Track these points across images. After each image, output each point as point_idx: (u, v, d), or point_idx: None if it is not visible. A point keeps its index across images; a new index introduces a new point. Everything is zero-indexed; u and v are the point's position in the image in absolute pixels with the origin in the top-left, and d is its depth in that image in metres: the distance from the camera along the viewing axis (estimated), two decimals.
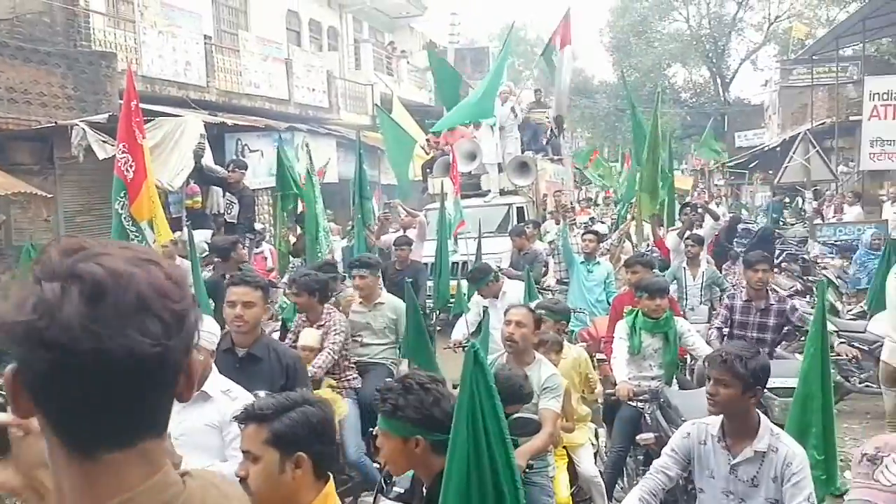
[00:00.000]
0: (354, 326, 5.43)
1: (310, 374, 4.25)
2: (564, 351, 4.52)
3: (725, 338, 5.49)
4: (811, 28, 33.97)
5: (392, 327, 5.57)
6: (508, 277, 7.24)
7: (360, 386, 5.04)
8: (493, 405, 2.34)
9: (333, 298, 6.58)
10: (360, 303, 5.62)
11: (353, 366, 5.12)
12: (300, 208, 8.63)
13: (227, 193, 9.71)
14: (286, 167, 8.15)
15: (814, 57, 24.79)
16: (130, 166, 6.20)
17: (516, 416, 3.27)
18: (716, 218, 8.82)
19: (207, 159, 11.39)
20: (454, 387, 5.45)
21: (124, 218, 6.13)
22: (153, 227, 6.24)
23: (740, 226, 13.39)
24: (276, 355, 3.69)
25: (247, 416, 2.39)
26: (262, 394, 3.33)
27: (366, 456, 4.68)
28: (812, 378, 3.32)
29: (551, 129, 16.08)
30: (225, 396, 3.07)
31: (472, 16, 69.79)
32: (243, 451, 2.32)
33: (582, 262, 7.71)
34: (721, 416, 2.97)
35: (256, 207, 15.90)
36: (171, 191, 10.79)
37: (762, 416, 3.00)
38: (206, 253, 9.44)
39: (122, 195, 6.13)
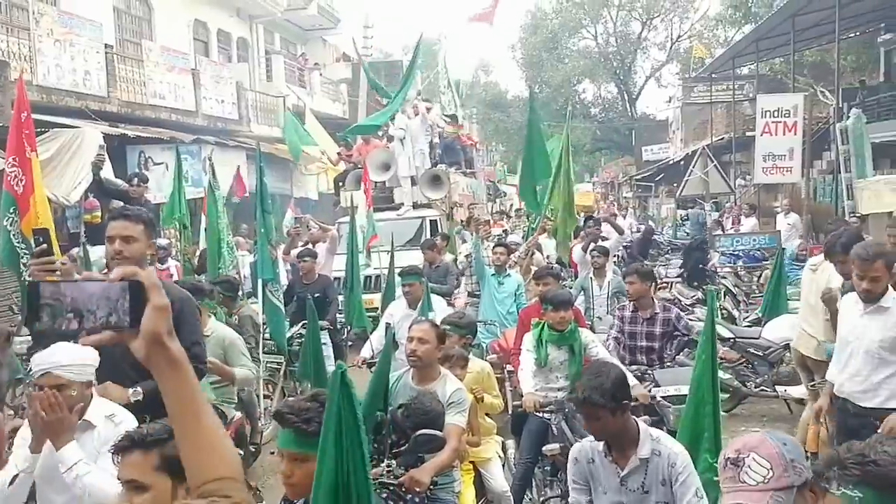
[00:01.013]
0: None
1: None
2: (469, 365, 4.53)
3: (621, 347, 5.75)
4: (710, 48, 35.62)
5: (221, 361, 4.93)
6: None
7: None
8: (356, 429, 2.35)
9: (235, 317, 6.43)
10: None
11: None
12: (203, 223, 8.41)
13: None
14: (180, 186, 7.93)
15: (713, 75, 26.00)
16: (20, 180, 5.87)
17: (420, 432, 3.25)
18: (620, 232, 9.05)
19: (107, 172, 10.93)
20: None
21: (13, 234, 5.79)
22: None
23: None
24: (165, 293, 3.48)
25: (132, 443, 2.28)
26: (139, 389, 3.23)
27: None
28: (703, 384, 3.43)
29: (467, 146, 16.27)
30: (108, 422, 2.92)
31: (385, 28, 69.86)
32: (125, 482, 2.20)
33: (493, 275, 7.76)
34: None
35: (159, 221, 15.42)
36: (67, 205, 10.30)
37: (639, 422, 3.08)
38: (106, 270, 9.07)
39: (11, 210, 5.79)
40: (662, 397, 4.97)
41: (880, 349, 3.90)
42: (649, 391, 4.91)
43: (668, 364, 6.47)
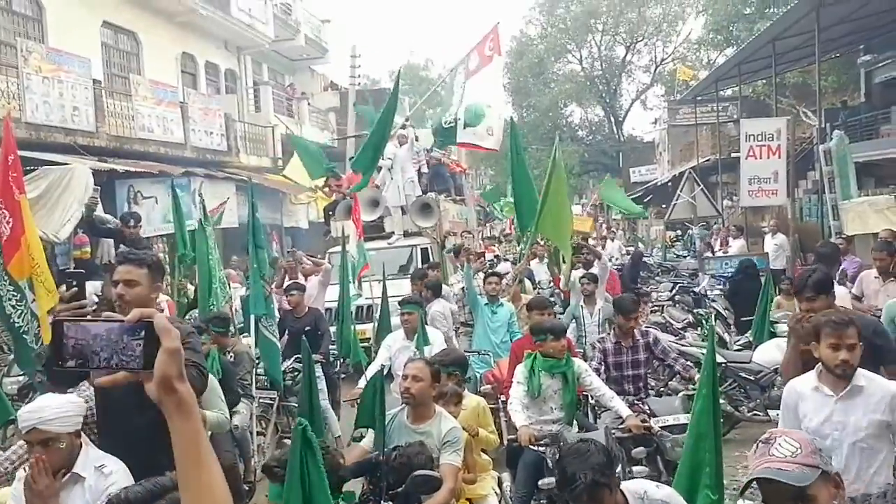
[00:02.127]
0: None
1: None
2: (464, 401, 4.53)
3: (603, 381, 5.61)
4: (694, 70, 36.09)
5: None
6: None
7: None
8: (320, 483, 2.38)
9: (230, 354, 6.41)
10: None
11: None
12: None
13: (121, 245, 9.31)
14: (181, 223, 7.91)
15: (697, 98, 26.32)
16: (7, 222, 5.85)
17: (416, 473, 3.25)
18: (598, 257, 9.04)
19: (97, 209, 10.95)
20: (354, 439, 5.36)
21: (1, 277, 5.77)
22: (33, 286, 5.89)
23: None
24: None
25: None
26: None
27: None
28: (704, 419, 3.42)
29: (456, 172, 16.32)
30: (98, 473, 2.91)
31: (373, 54, 70.49)
32: None
33: (486, 304, 7.77)
34: None
35: None
36: (57, 242, 10.27)
37: (624, 490, 2.94)
38: (96, 306, 9.01)
39: None
40: (661, 427, 4.96)
41: (868, 437, 3.32)
42: (644, 422, 4.92)
43: (663, 390, 6.50)
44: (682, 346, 7.78)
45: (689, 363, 6.07)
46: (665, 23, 41.42)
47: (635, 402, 5.54)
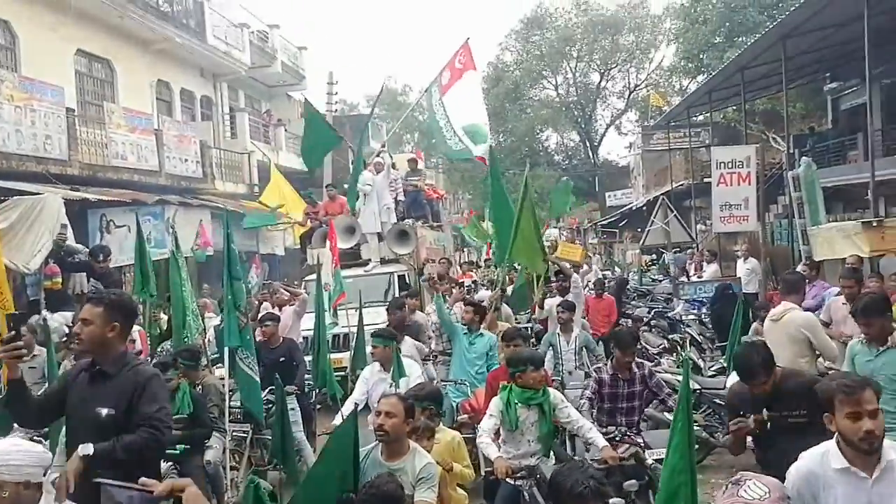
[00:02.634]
0: None
1: None
2: (438, 435, 4.51)
3: (595, 410, 5.70)
4: (666, 96, 36.68)
5: None
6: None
7: None
8: None
9: (199, 387, 6.31)
10: None
11: None
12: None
13: (91, 279, 9.22)
14: (143, 258, 7.80)
15: (670, 123, 26.73)
16: None
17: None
18: (568, 276, 9.10)
19: (68, 238, 10.83)
20: None
21: None
22: None
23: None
24: (131, 373, 3.46)
25: None
26: (104, 411, 3.32)
27: None
28: (681, 451, 3.41)
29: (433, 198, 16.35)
30: None
31: (350, 80, 70.75)
32: None
33: (465, 333, 7.69)
34: None
35: (124, 286, 15.21)
36: (27, 273, 10.13)
37: None
38: (66, 337, 8.87)
39: None
40: (654, 460, 4.92)
41: None
42: (636, 453, 4.89)
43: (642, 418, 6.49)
44: (657, 371, 7.82)
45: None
46: (638, 50, 42.13)
47: (628, 434, 5.47)
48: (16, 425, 4.53)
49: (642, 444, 5.17)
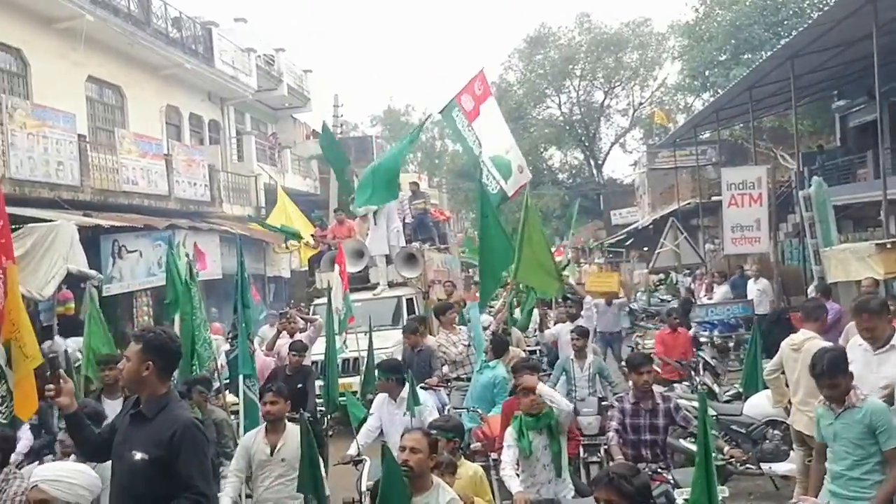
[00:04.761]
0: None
1: None
2: (460, 469, 4.49)
3: (622, 442, 5.43)
4: (672, 114, 36.74)
5: None
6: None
7: None
8: None
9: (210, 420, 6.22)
10: None
11: None
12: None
13: None
14: (175, 275, 7.79)
15: (677, 141, 26.77)
16: None
17: None
18: (581, 297, 9.05)
19: (81, 263, 10.85)
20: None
21: None
22: (10, 350, 5.79)
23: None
24: (167, 419, 3.34)
25: None
26: (137, 455, 3.25)
27: None
28: (700, 487, 3.43)
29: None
30: None
31: (352, 100, 71.20)
32: None
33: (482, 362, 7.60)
34: None
35: (135, 310, 15.23)
36: (41, 300, 10.16)
37: None
38: (79, 362, 8.87)
39: None
40: (685, 500, 4.78)
41: None
42: (666, 492, 4.81)
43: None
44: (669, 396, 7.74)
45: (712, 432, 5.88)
46: (642, 68, 42.25)
47: (659, 470, 5.23)
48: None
49: (672, 482, 5.06)
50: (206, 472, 3.36)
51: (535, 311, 12.48)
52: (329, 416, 8.37)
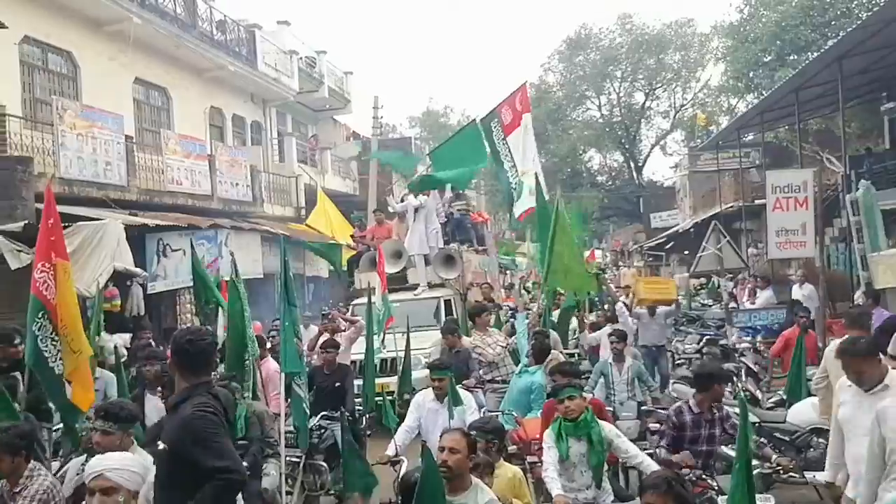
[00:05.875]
0: None
1: None
2: (498, 470, 4.48)
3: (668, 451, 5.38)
4: (715, 116, 36.18)
5: None
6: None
7: None
8: None
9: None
10: None
11: None
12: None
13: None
14: (201, 276, 7.96)
15: (719, 143, 26.35)
16: (49, 286, 5.97)
17: None
18: (615, 300, 8.95)
19: (127, 262, 11.11)
20: None
21: (41, 339, 5.84)
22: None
23: None
24: (181, 414, 3.47)
25: None
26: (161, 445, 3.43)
27: None
28: (740, 493, 3.41)
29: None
30: None
31: (391, 101, 71.61)
32: None
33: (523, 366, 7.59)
34: None
35: (178, 307, 15.52)
36: (88, 297, 10.41)
37: None
38: (125, 357, 9.08)
39: (40, 315, 5.85)
40: None
41: None
42: (710, 498, 4.77)
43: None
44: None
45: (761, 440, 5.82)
46: (684, 69, 41.71)
47: (703, 476, 5.16)
48: None
49: (716, 488, 5.00)
50: (218, 450, 3.42)
51: (574, 318, 12.41)
52: (367, 416, 8.43)
